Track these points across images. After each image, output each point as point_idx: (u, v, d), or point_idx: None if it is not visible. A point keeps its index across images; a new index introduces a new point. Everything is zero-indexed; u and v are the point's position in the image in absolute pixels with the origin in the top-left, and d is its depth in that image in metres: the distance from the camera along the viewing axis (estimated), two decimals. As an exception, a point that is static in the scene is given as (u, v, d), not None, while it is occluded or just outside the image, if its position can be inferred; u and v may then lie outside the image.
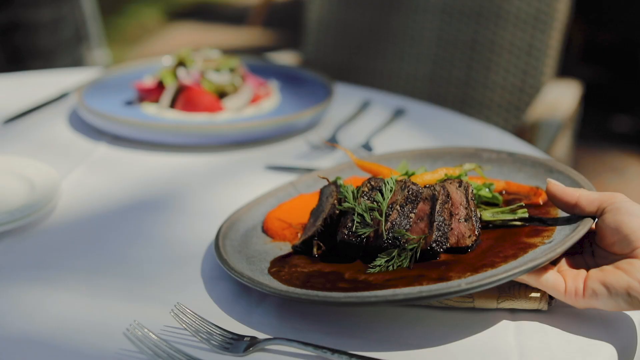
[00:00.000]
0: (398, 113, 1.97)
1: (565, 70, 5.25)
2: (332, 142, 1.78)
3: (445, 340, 1.13)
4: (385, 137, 1.85)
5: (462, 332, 1.14)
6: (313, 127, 1.90)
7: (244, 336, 1.12)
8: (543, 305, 1.17)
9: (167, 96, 1.87)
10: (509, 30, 2.73)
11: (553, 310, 1.18)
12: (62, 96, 2.03)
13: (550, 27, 2.68)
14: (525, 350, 1.10)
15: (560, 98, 2.57)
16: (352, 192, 1.25)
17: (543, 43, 2.69)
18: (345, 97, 2.09)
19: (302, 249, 1.28)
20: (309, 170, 1.64)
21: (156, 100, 1.90)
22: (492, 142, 1.83)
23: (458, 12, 2.79)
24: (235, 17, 7.53)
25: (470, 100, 2.81)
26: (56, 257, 1.34)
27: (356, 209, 1.22)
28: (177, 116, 1.85)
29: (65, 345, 1.11)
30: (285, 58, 2.99)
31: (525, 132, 2.38)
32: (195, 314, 1.14)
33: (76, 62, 3.73)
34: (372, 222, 1.21)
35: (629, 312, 1.18)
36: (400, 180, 1.25)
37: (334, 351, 1.07)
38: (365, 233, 1.21)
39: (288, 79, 2.10)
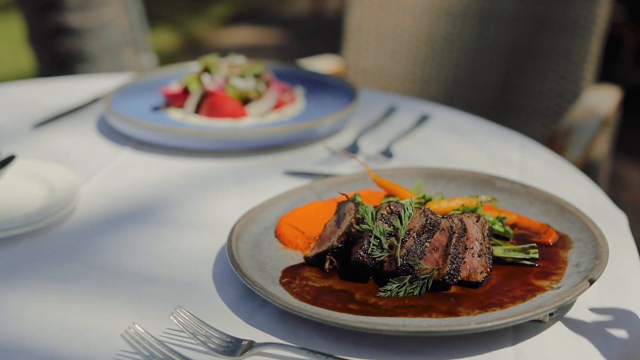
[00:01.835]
0: (422, 119, 1.97)
1: (615, 74, 5.17)
2: (353, 148, 1.79)
3: (441, 347, 1.13)
4: (408, 143, 1.85)
5: (459, 338, 1.14)
6: (336, 133, 1.91)
7: (241, 340, 1.14)
8: (544, 317, 1.17)
9: (192, 102, 1.90)
10: (547, 36, 2.70)
11: (552, 320, 1.18)
12: (93, 101, 2.08)
13: (589, 32, 2.64)
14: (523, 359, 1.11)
15: (597, 104, 2.54)
16: (371, 214, 1.26)
17: (582, 48, 2.65)
18: (374, 103, 2.10)
19: (314, 262, 1.30)
20: (327, 176, 1.65)
21: (182, 105, 1.93)
22: (515, 149, 1.82)
23: (497, 17, 2.78)
24: (290, 21, 7.60)
25: (508, 106, 2.80)
26: (69, 259, 1.37)
27: (374, 232, 1.24)
28: (201, 122, 1.88)
29: (67, 345, 1.14)
30: (326, 63, 3.00)
31: (558, 138, 2.35)
32: (195, 317, 1.17)
33: (122, 66, 3.80)
34: (387, 247, 1.23)
35: (628, 323, 1.17)
36: (420, 208, 1.26)
37: (328, 356, 1.09)
38: (380, 256, 1.22)
39: (315, 85, 2.11)
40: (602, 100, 2.57)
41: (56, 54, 3.71)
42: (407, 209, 1.25)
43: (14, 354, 1.13)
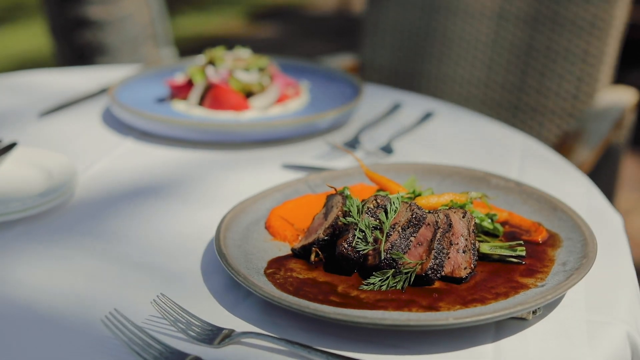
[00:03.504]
0: (426, 117, 1.96)
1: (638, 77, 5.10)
2: (354, 143, 1.79)
3: (421, 341, 1.13)
4: (410, 140, 1.85)
5: (439, 332, 1.14)
6: (338, 128, 1.91)
7: (222, 328, 1.14)
8: (527, 315, 1.17)
9: (195, 94, 1.91)
10: (564, 36, 2.68)
11: (536, 318, 1.17)
12: (101, 91, 2.10)
13: (606, 33, 2.62)
14: (501, 356, 1.10)
15: (610, 106, 2.52)
16: (357, 207, 1.26)
17: (599, 50, 2.63)
18: (381, 99, 2.09)
19: (300, 254, 1.31)
20: (324, 170, 1.65)
21: (186, 97, 1.94)
22: (517, 148, 1.81)
23: (514, 17, 2.76)
24: (317, 20, 7.61)
25: (524, 106, 2.78)
26: (60, 245, 1.39)
27: (359, 225, 1.24)
28: (203, 114, 1.89)
29: (50, 328, 1.15)
30: (342, 61, 3.01)
31: (568, 139, 2.34)
32: (176, 305, 1.17)
33: (142, 60, 3.82)
34: (372, 240, 1.23)
35: (614, 324, 1.16)
36: (406, 202, 1.26)
37: (304, 347, 1.09)
38: (364, 250, 1.22)
39: (322, 80, 2.11)
40: (616, 102, 2.55)
41: (77, 46, 3.74)
42: (393, 203, 1.25)
43: (2, 336, 1.14)
